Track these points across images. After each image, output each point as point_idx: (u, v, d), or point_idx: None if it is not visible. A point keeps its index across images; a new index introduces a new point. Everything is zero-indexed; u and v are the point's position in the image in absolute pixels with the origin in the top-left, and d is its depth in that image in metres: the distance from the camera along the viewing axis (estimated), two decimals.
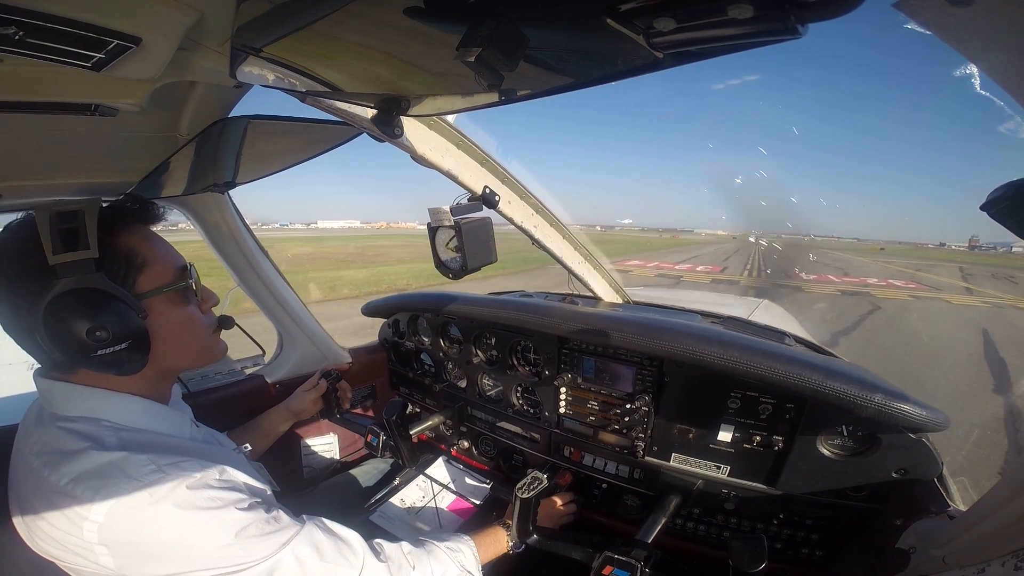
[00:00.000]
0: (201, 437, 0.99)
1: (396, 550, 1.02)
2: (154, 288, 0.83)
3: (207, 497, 0.74)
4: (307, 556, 0.83)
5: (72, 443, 0.74)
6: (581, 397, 1.52)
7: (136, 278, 0.82)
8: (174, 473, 0.73)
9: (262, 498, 0.85)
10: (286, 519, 0.84)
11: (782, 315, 3.15)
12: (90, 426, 0.78)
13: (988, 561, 0.71)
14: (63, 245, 0.73)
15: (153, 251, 0.85)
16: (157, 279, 0.84)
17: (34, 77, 0.70)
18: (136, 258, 0.82)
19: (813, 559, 1.25)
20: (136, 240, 0.84)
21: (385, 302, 2.10)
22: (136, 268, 0.82)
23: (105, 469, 0.71)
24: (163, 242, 0.90)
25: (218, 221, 1.54)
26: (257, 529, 0.77)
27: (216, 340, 0.99)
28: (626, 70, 0.45)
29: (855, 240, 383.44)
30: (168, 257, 0.88)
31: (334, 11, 0.49)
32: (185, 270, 0.90)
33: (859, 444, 1.14)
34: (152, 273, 0.84)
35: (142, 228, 0.88)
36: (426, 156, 1.06)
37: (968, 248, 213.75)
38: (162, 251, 0.87)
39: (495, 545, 1.24)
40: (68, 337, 0.73)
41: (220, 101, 0.98)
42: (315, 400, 1.65)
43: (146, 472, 0.72)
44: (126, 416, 0.82)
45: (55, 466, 0.72)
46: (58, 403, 0.81)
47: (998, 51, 0.41)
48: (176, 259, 0.90)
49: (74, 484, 0.70)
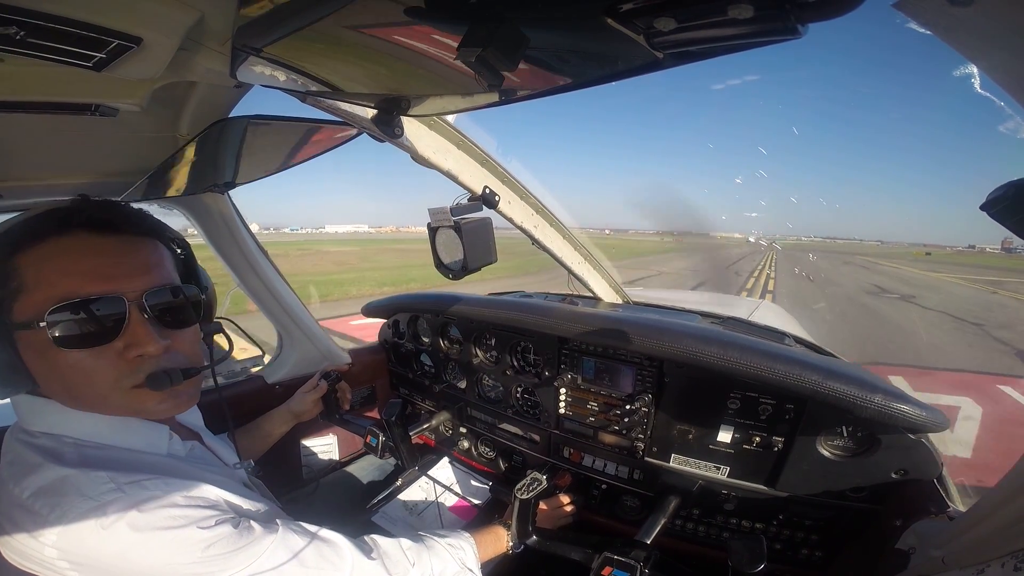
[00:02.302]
0: (186, 452, 0.90)
1: (394, 546, 1.00)
2: (23, 321, 0.71)
3: (166, 516, 0.70)
4: (286, 565, 0.79)
5: (31, 457, 0.71)
6: (581, 398, 1.52)
7: (11, 305, 0.71)
8: (133, 492, 0.69)
9: (237, 512, 0.80)
10: (259, 530, 0.79)
11: (782, 315, 3.15)
12: (50, 441, 0.74)
13: (988, 562, 0.71)
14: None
15: (39, 276, 0.71)
16: (25, 312, 0.71)
17: (34, 77, 0.70)
18: (12, 281, 0.71)
19: (813, 560, 1.25)
20: (28, 260, 0.71)
21: (385, 303, 2.10)
22: (11, 292, 0.71)
23: (60, 485, 0.68)
24: (73, 262, 0.73)
25: (218, 221, 1.54)
26: (225, 546, 0.73)
27: (141, 397, 0.78)
28: (626, 70, 0.46)
29: (878, 243, 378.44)
30: (53, 288, 0.70)
31: (334, 11, 0.50)
32: (77, 306, 0.70)
33: (859, 445, 1.14)
34: (26, 303, 0.71)
35: (58, 242, 0.73)
36: (426, 156, 1.07)
37: (1003, 251, 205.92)
38: (55, 277, 0.71)
39: (495, 544, 1.23)
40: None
41: (220, 101, 0.97)
42: (316, 401, 1.65)
43: (102, 491, 0.67)
44: (89, 431, 0.77)
45: (17, 479, 0.69)
46: (24, 416, 0.78)
47: (998, 51, 0.41)
48: (67, 291, 0.70)
49: (34, 499, 0.67)
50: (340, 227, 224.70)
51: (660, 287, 18.81)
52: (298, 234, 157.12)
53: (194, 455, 0.94)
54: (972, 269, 41.33)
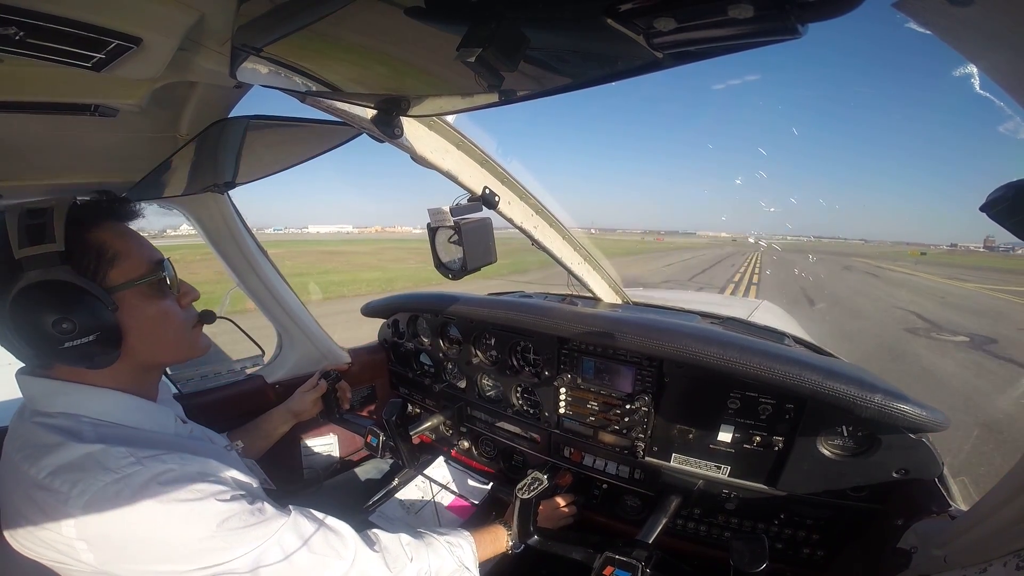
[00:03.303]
0: (188, 434, 0.97)
1: (394, 541, 1.01)
2: (126, 281, 0.82)
3: (186, 489, 0.73)
4: (294, 548, 0.82)
5: (50, 437, 0.74)
6: (581, 397, 1.52)
7: (107, 271, 0.81)
8: (152, 465, 0.73)
9: (247, 491, 0.84)
10: (271, 511, 0.83)
11: (781, 316, 3.15)
12: (68, 421, 0.77)
13: (990, 561, 0.71)
14: (29, 240, 0.73)
15: (125, 245, 0.84)
16: (129, 272, 0.83)
17: (34, 77, 0.70)
18: (107, 252, 0.81)
19: (814, 559, 1.25)
20: (107, 235, 0.83)
21: (385, 302, 2.10)
22: (107, 262, 0.81)
23: (83, 461, 0.70)
24: (137, 237, 0.89)
25: (218, 221, 1.54)
26: (240, 521, 0.76)
27: (197, 335, 0.98)
28: (626, 70, 0.45)
29: (861, 241, 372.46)
30: (141, 251, 0.87)
31: (334, 11, 0.50)
32: (159, 264, 0.88)
33: (859, 444, 1.14)
34: (124, 267, 0.83)
35: (114, 224, 0.87)
36: (426, 156, 1.06)
37: (985, 249, 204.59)
38: (135, 245, 0.86)
39: (495, 543, 1.23)
40: (35, 330, 0.73)
41: (220, 101, 0.98)
42: (315, 401, 1.65)
43: (124, 464, 0.71)
44: (105, 411, 0.82)
45: (34, 460, 0.71)
46: (37, 399, 0.80)
47: (998, 51, 0.41)
48: (150, 253, 0.88)
49: (52, 477, 0.69)
50: (323, 227, 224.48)
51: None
52: (282, 234, 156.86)
53: (195, 436, 0.99)
54: (975, 272, 33.69)
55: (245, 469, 0.94)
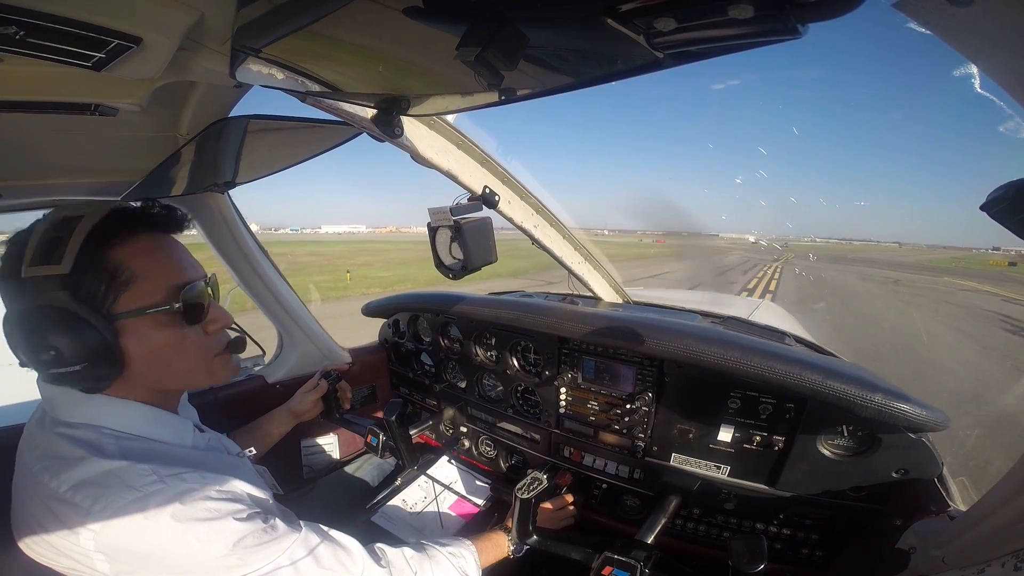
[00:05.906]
0: (205, 444, 0.97)
1: (398, 555, 1.03)
2: (136, 308, 0.78)
3: (205, 508, 0.74)
4: (304, 563, 0.83)
5: (72, 450, 0.74)
6: (581, 397, 1.52)
7: (117, 295, 0.77)
8: (174, 484, 0.73)
9: (261, 507, 0.85)
10: (283, 527, 0.83)
11: (782, 315, 3.15)
12: (91, 433, 0.77)
13: (988, 561, 0.71)
14: (40, 257, 0.73)
15: (146, 266, 0.80)
16: (141, 298, 0.79)
17: (34, 77, 0.70)
18: (121, 273, 0.77)
19: (813, 559, 1.25)
20: (130, 253, 0.79)
21: (385, 302, 2.10)
22: (119, 285, 0.77)
23: (105, 478, 0.71)
24: (167, 255, 0.85)
25: (218, 221, 1.54)
26: (254, 539, 0.77)
27: (222, 363, 0.93)
28: (626, 70, 0.46)
29: (896, 244, 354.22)
30: (163, 274, 0.82)
31: (334, 11, 0.49)
32: (181, 289, 0.83)
33: (859, 444, 1.14)
34: (137, 291, 0.78)
35: (148, 238, 0.83)
36: (426, 156, 1.06)
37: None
38: (159, 266, 0.82)
39: (496, 550, 1.24)
40: (30, 351, 0.74)
41: (220, 101, 0.97)
42: (316, 401, 1.65)
43: (147, 483, 0.71)
44: (128, 423, 0.82)
45: (55, 472, 0.72)
46: (59, 408, 0.81)
47: (998, 51, 0.41)
48: (175, 276, 0.83)
49: (73, 492, 0.69)
50: (337, 227, 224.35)
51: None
52: (299, 234, 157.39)
53: (211, 447, 0.99)
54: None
55: (258, 480, 0.94)
